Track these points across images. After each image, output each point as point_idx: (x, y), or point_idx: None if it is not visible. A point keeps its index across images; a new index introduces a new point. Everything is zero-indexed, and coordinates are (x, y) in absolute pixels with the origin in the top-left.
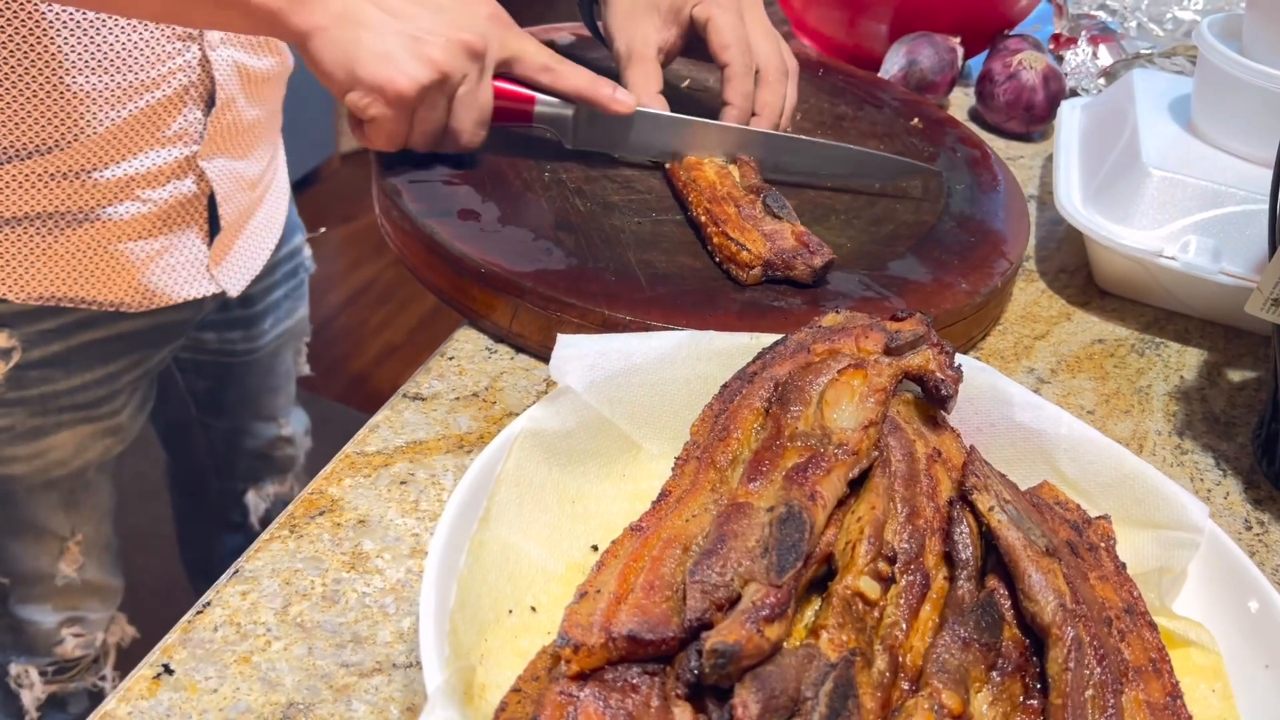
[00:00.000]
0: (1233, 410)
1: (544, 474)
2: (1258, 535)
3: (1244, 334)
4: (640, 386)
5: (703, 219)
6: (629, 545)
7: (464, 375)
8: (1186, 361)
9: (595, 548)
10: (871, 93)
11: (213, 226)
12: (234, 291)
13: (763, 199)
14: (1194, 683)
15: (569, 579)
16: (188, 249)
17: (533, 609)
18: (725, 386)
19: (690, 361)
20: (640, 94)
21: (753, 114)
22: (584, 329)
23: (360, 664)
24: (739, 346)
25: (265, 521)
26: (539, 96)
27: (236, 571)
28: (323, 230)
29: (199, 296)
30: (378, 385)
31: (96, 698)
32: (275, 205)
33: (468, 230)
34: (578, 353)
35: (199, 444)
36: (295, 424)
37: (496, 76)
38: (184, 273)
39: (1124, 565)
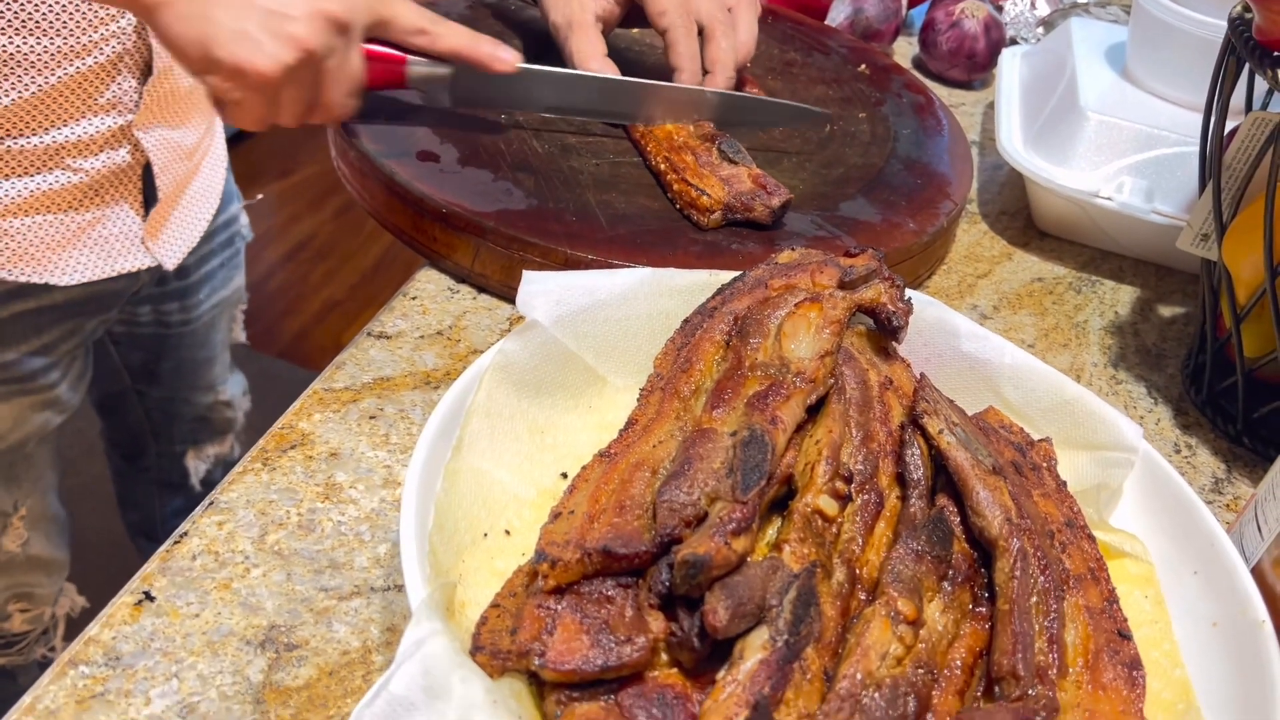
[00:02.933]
0: (1163, 343)
1: (514, 405)
2: (1186, 458)
3: (1174, 272)
4: (605, 321)
5: (662, 167)
6: (599, 470)
7: (427, 315)
8: (1120, 298)
9: (564, 475)
10: (819, 40)
11: (147, 198)
12: (170, 264)
13: (718, 145)
14: (1129, 589)
15: (540, 504)
16: (120, 221)
17: (506, 532)
18: (686, 321)
19: (652, 298)
20: (586, 61)
21: (706, 72)
22: (546, 268)
23: (339, 588)
24: (699, 283)
25: (207, 482)
26: (410, 58)
27: (211, 503)
28: (259, 197)
29: (133, 270)
30: (319, 341)
31: (48, 668)
32: (212, 173)
33: (427, 171)
34: (544, 288)
35: (134, 411)
36: (233, 388)
37: (367, 41)
38: (117, 245)
39: (1064, 483)
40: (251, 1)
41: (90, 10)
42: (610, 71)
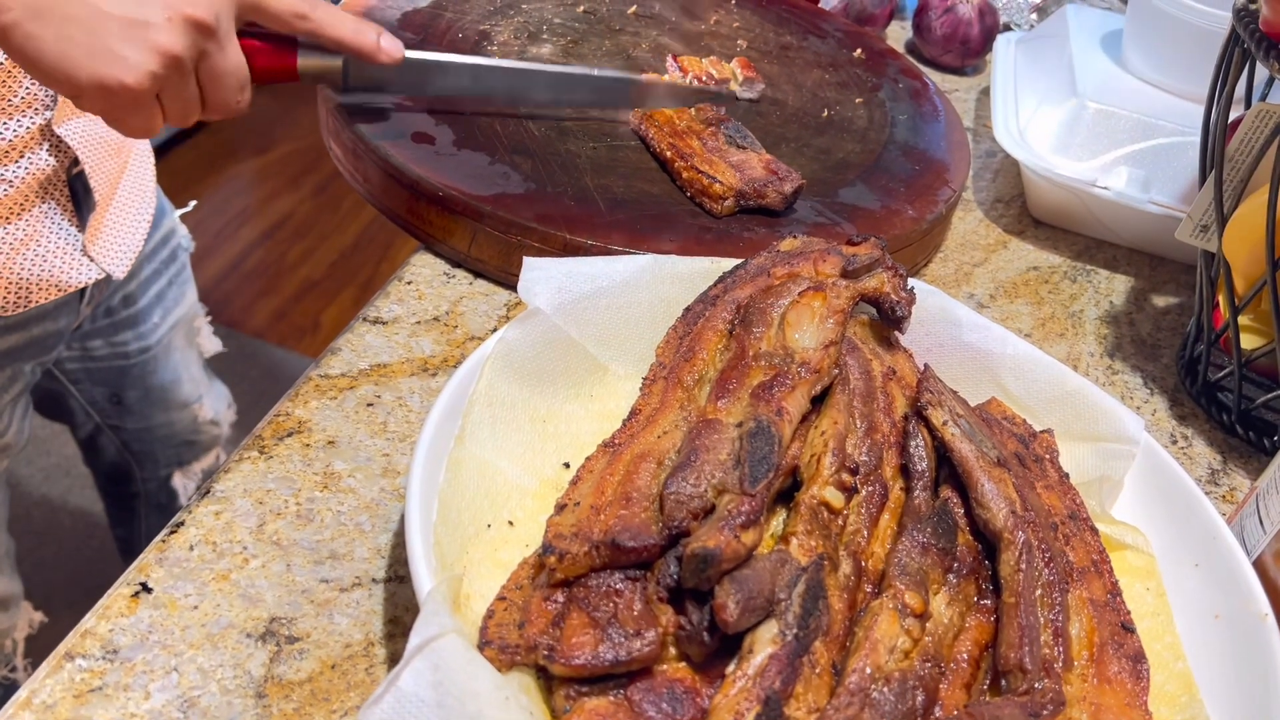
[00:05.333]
0: (1158, 333)
1: (515, 394)
2: (1182, 449)
3: (1168, 262)
4: (606, 309)
5: (668, 154)
6: (603, 461)
7: (423, 300)
8: (1115, 288)
9: (567, 465)
10: (815, 24)
11: (76, 203)
12: (119, 273)
13: (724, 130)
14: (1131, 581)
15: (543, 495)
16: (56, 232)
17: (510, 523)
18: (688, 309)
19: (653, 285)
20: None
21: None
22: (545, 253)
23: (340, 579)
24: (700, 270)
25: None
26: (301, 50)
27: (208, 492)
28: (193, 204)
29: (81, 285)
30: (297, 321)
31: (10, 688)
32: (141, 171)
33: (423, 153)
34: (545, 275)
35: (111, 445)
36: (214, 403)
37: (248, 35)
38: (58, 261)
39: (1067, 475)
40: (106, 14)
41: None
42: None
